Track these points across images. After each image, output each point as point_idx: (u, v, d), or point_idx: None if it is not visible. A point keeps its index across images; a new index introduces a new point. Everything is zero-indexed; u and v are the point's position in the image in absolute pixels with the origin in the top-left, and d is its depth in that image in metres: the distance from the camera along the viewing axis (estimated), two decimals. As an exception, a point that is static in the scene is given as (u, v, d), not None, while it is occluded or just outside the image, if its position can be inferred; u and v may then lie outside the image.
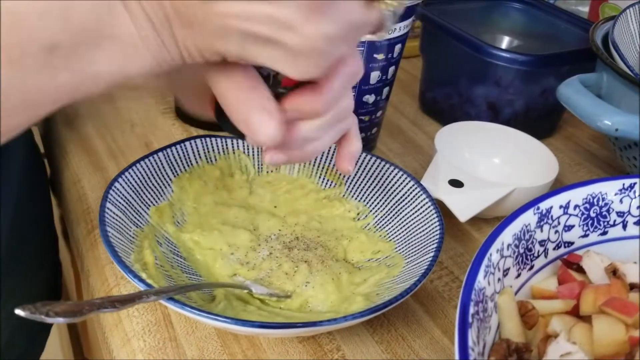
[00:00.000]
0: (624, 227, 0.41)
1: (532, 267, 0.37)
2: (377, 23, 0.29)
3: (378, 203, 0.51)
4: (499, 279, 0.33)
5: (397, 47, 0.56)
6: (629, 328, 0.31)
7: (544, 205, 0.37)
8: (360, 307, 0.41)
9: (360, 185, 0.52)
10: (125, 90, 0.47)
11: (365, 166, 0.52)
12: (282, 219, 0.50)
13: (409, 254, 0.45)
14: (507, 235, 0.34)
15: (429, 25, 0.67)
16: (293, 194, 0.53)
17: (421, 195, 0.48)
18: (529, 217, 0.36)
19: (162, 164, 0.49)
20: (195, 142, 0.51)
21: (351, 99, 0.34)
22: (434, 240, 0.43)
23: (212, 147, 0.52)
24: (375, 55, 0.55)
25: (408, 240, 0.46)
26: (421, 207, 0.47)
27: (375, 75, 0.56)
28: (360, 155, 0.52)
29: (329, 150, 0.53)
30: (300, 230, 0.49)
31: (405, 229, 0.47)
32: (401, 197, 0.49)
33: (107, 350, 0.44)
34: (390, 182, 0.51)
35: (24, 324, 0.58)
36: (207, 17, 0.26)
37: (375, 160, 0.52)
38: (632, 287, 0.35)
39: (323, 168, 0.54)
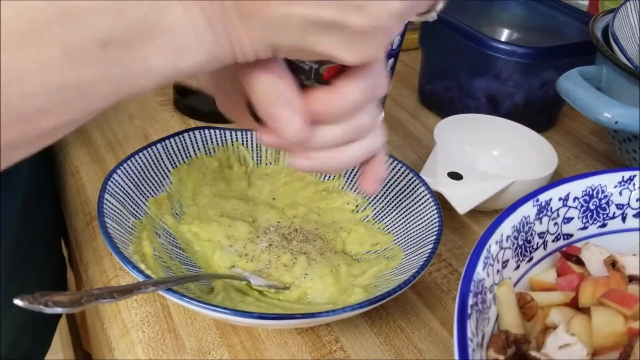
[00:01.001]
0: (623, 219, 0.41)
1: (531, 259, 0.37)
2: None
3: (377, 195, 0.51)
4: (498, 271, 0.33)
5: (396, 39, 0.56)
6: (628, 320, 0.31)
7: (543, 198, 0.37)
8: (358, 298, 0.41)
9: (359, 177, 0.52)
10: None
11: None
12: (280, 210, 0.50)
13: (407, 246, 0.45)
14: (507, 227, 0.34)
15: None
16: (292, 185, 0.53)
17: (420, 187, 0.48)
18: (528, 209, 0.36)
19: (160, 155, 0.49)
20: (193, 133, 0.51)
21: (374, 118, 0.34)
22: (432, 233, 0.43)
23: (211, 138, 0.52)
24: (374, 47, 0.54)
25: (407, 232, 0.46)
26: (420, 200, 0.47)
27: (374, 68, 0.56)
28: None
29: None
30: (299, 222, 0.49)
31: (404, 221, 0.47)
32: (400, 189, 0.49)
33: (106, 341, 0.44)
34: (389, 174, 0.51)
35: (30, 322, 0.59)
36: (267, 6, 0.25)
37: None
38: (631, 279, 0.35)
39: None
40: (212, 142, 0.52)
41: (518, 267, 0.36)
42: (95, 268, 0.47)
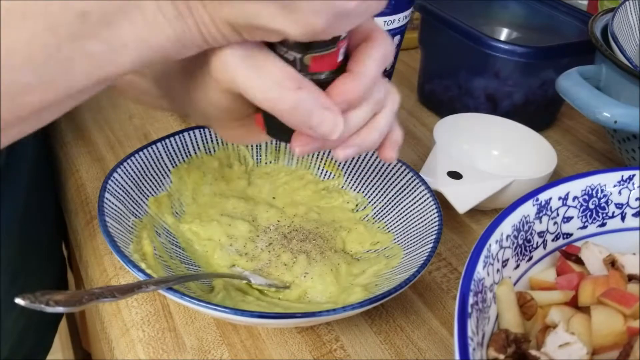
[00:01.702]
0: (623, 218, 0.41)
1: (530, 258, 0.37)
2: None
3: (377, 194, 0.51)
4: (497, 270, 0.33)
5: (396, 39, 0.56)
6: (628, 319, 0.31)
7: (543, 197, 0.37)
8: (359, 297, 0.41)
9: (359, 176, 0.52)
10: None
11: (364, 158, 0.52)
12: (280, 210, 0.50)
13: (407, 245, 0.45)
14: (507, 226, 0.34)
15: (428, 16, 0.67)
16: (292, 185, 0.53)
17: (420, 186, 0.48)
18: (528, 209, 0.36)
19: (160, 154, 0.49)
20: (193, 132, 0.51)
21: (386, 83, 0.34)
22: (432, 232, 0.43)
23: (211, 137, 0.52)
24: (374, 47, 0.55)
25: (407, 231, 0.46)
26: (420, 199, 0.47)
27: (374, 67, 0.56)
28: None
29: None
30: (298, 222, 0.49)
31: (404, 220, 0.47)
32: (400, 189, 0.49)
33: (106, 340, 0.44)
34: (389, 173, 0.51)
35: (33, 322, 0.59)
36: None
37: (374, 152, 0.52)
38: (631, 278, 0.35)
39: (322, 159, 0.54)
40: (212, 141, 0.52)
41: (518, 266, 0.36)
42: (95, 267, 0.47)
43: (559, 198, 0.38)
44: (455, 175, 0.51)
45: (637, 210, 0.41)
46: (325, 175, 0.54)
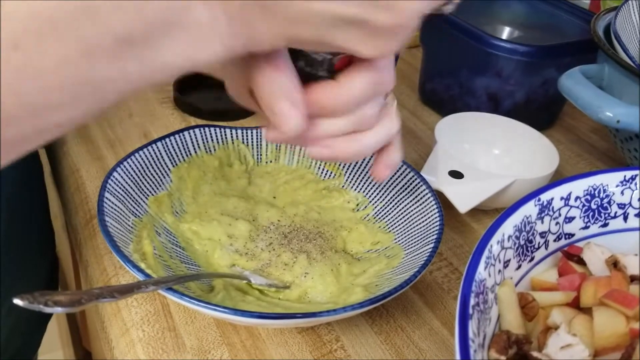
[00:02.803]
0: (625, 219, 0.40)
1: (532, 258, 0.37)
2: None
3: (377, 194, 0.51)
4: (499, 271, 0.33)
5: (398, 37, 0.56)
6: (630, 320, 0.31)
7: (545, 197, 0.37)
8: (359, 298, 0.41)
9: (359, 176, 0.52)
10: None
11: (365, 158, 0.52)
12: (281, 209, 0.50)
13: (408, 245, 0.45)
14: (508, 227, 0.34)
15: (428, 15, 0.66)
16: (292, 184, 0.53)
17: (421, 186, 0.48)
18: (530, 209, 0.36)
19: (160, 153, 0.49)
20: (194, 131, 0.51)
21: (381, 109, 0.34)
22: (433, 232, 0.43)
23: (211, 136, 0.52)
24: (375, 45, 0.54)
25: (408, 231, 0.46)
26: (421, 198, 0.47)
27: (375, 66, 0.56)
28: None
29: None
30: (299, 221, 0.49)
31: (404, 220, 0.47)
32: (401, 188, 0.49)
33: (106, 340, 0.44)
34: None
35: (22, 321, 0.58)
36: (290, 4, 0.25)
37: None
38: (633, 279, 0.35)
39: None
40: (212, 140, 0.52)
41: (519, 266, 0.36)
42: (95, 266, 0.47)
43: (561, 198, 0.38)
44: (456, 174, 0.51)
45: (639, 211, 0.41)
46: (326, 174, 0.53)
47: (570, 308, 0.34)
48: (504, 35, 0.74)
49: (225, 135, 0.52)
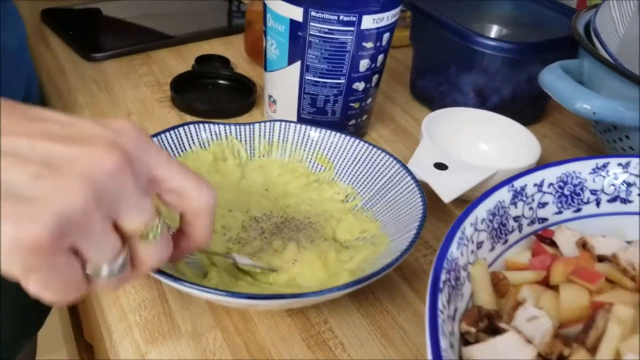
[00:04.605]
0: (598, 204, 0.42)
1: (506, 241, 0.39)
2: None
3: (366, 185, 0.53)
4: (472, 251, 0.35)
5: (386, 36, 0.58)
6: (593, 294, 0.33)
7: (518, 184, 0.39)
8: (345, 281, 0.43)
9: (349, 168, 0.54)
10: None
11: (354, 150, 0.54)
12: (273, 201, 0.52)
13: (393, 233, 0.47)
14: (482, 211, 0.36)
15: (417, 14, 0.69)
16: (284, 177, 0.55)
17: (406, 177, 0.50)
18: (504, 194, 0.38)
19: None
20: (189, 127, 0.53)
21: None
22: (417, 219, 0.45)
23: (206, 132, 0.54)
24: (364, 44, 0.57)
25: (393, 219, 0.48)
26: (406, 189, 0.49)
27: (364, 64, 0.58)
28: (349, 141, 0.54)
29: (319, 136, 0.55)
30: (291, 212, 0.51)
31: (391, 209, 0.49)
32: (387, 180, 0.51)
33: (105, 325, 0.46)
34: (377, 165, 0.53)
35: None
36: None
37: (364, 145, 0.54)
38: (601, 259, 0.37)
39: (313, 153, 0.56)
40: (206, 136, 0.54)
41: (493, 248, 0.38)
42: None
43: (534, 185, 0.40)
44: (441, 166, 0.53)
45: (612, 197, 0.43)
46: (316, 167, 0.55)
47: (540, 285, 0.36)
48: (493, 33, 0.76)
49: (219, 131, 0.55)
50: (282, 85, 0.61)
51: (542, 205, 0.41)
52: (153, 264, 0.33)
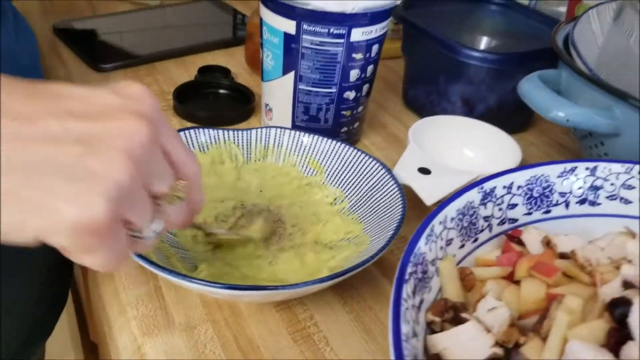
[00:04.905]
0: (567, 206, 0.45)
1: (476, 239, 0.41)
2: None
3: (353, 189, 0.56)
4: (441, 247, 0.38)
5: (375, 48, 0.61)
6: (550, 288, 0.36)
7: (487, 185, 0.42)
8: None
9: (338, 173, 0.57)
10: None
11: (344, 156, 0.57)
12: (267, 200, 0.55)
13: (375, 233, 0.50)
14: (451, 210, 0.39)
15: (408, 27, 0.72)
16: (278, 180, 0.58)
17: (390, 181, 0.52)
18: (473, 195, 0.41)
19: None
20: (189, 132, 0.56)
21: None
22: (396, 220, 0.48)
23: (205, 137, 0.57)
24: (353, 55, 0.60)
25: (376, 221, 0.51)
26: (389, 192, 0.52)
27: (354, 74, 0.61)
28: (339, 147, 0.57)
29: (311, 142, 0.58)
30: (283, 212, 0.54)
31: (374, 212, 0.52)
32: (373, 184, 0.54)
33: (106, 318, 0.49)
34: (364, 170, 0.55)
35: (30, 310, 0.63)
36: None
37: (353, 151, 0.57)
38: (562, 256, 0.39)
39: (306, 157, 0.59)
40: (206, 140, 0.57)
41: (463, 245, 0.40)
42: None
43: (504, 187, 0.43)
44: (425, 171, 0.56)
45: (581, 199, 0.45)
46: (309, 171, 0.58)
47: (504, 280, 0.38)
48: (483, 44, 0.78)
49: (218, 136, 0.58)
50: (278, 94, 0.64)
51: (512, 206, 0.43)
52: (180, 222, 0.35)
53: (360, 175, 0.56)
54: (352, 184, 0.56)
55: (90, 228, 0.27)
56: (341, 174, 0.57)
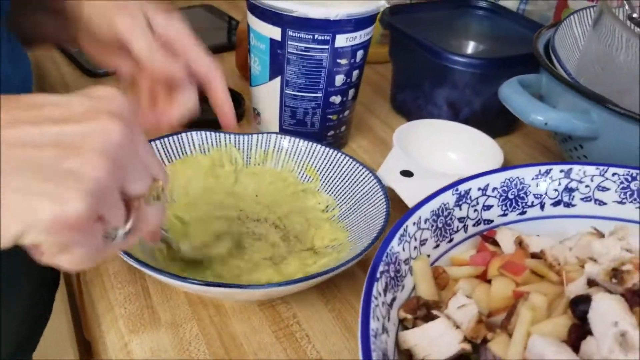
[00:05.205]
0: (542, 207, 0.46)
1: (451, 240, 0.43)
2: None
3: (345, 197, 0.56)
4: (415, 247, 0.39)
5: (359, 53, 0.62)
6: (519, 286, 0.37)
7: (462, 187, 0.43)
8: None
9: (332, 181, 0.57)
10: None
11: (339, 165, 0.57)
12: (264, 206, 0.57)
13: (358, 241, 0.50)
14: (425, 211, 0.40)
15: (394, 33, 0.73)
16: (275, 185, 0.59)
17: (379, 192, 0.52)
18: (448, 197, 0.42)
19: (157, 151, 0.55)
20: (191, 134, 0.57)
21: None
22: (378, 229, 0.48)
23: (207, 139, 0.58)
24: (338, 61, 0.61)
25: (361, 229, 0.51)
26: (377, 202, 0.51)
27: (340, 79, 0.62)
28: (336, 155, 0.57)
29: (308, 149, 0.59)
30: (286, 224, 0.55)
31: (361, 220, 0.52)
32: (364, 194, 0.54)
33: (95, 316, 0.50)
34: (357, 179, 0.55)
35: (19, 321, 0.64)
36: None
37: (348, 160, 0.57)
38: (534, 256, 0.41)
39: (303, 164, 0.59)
40: (207, 142, 0.58)
41: (438, 246, 0.42)
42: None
43: (479, 189, 0.44)
44: (408, 174, 0.57)
45: (556, 200, 0.46)
46: (305, 178, 0.59)
47: (476, 279, 0.40)
48: (470, 49, 0.80)
49: (220, 139, 0.59)
50: (265, 98, 0.65)
51: (487, 207, 0.44)
52: (155, 223, 0.35)
53: (353, 184, 0.56)
54: (344, 192, 0.56)
55: (68, 223, 0.28)
56: (335, 182, 0.57)
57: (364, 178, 0.55)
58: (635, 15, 0.57)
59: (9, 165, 0.27)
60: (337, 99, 0.64)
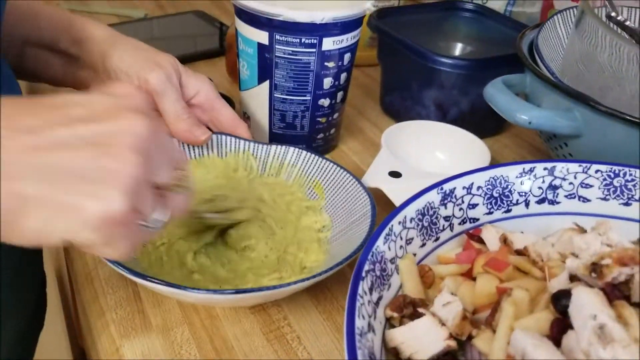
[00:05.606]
0: (527, 205, 0.47)
1: (437, 238, 0.43)
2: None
3: (341, 219, 0.54)
4: (401, 246, 0.40)
5: (347, 56, 0.63)
6: (503, 282, 0.38)
7: (447, 186, 0.43)
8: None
9: (336, 202, 0.56)
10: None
11: (344, 185, 0.55)
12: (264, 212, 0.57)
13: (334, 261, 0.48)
14: (410, 211, 0.41)
15: (381, 35, 0.74)
16: (284, 198, 0.57)
17: (369, 218, 0.49)
18: (433, 196, 0.43)
19: None
20: (210, 137, 0.58)
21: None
22: (364, 232, 0.48)
23: (225, 144, 0.59)
24: (326, 64, 0.62)
25: (345, 250, 0.48)
26: (366, 228, 0.49)
27: (328, 81, 0.63)
28: (345, 177, 0.55)
29: (317, 165, 0.58)
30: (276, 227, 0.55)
31: (348, 243, 0.49)
32: (359, 217, 0.52)
33: (86, 322, 0.50)
34: (356, 203, 0.53)
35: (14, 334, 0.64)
36: None
37: (353, 182, 0.55)
38: (518, 253, 0.41)
39: (313, 181, 0.58)
40: (225, 147, 0.59)
41: (424, 244, 0.42)
42: (77, 259, 0.54)
43: (464, 187, 0.44)
44: (396, 174, 0.58)
45: (540, 198, 0.47)
46: (312, 195, 0.58)
47: (461, 276, 0.40)
48: (457, 51, 0.80)
49: (239, 145, 0.59)
50: (254, 102, 0.66)
51: (473, 206, 0.45)
52: (183, 208, 0.37)
53: (352, 206, 0.53)
54: (342, 214, 0.54)
55: (113, 220, 0.30)
56: (337, 204, 0.55)
57: (362, 202, 0.53)
58: (614, 14, 0.57)
59: (51, 169, 0.29)
60: (325, 102, 0.65)
